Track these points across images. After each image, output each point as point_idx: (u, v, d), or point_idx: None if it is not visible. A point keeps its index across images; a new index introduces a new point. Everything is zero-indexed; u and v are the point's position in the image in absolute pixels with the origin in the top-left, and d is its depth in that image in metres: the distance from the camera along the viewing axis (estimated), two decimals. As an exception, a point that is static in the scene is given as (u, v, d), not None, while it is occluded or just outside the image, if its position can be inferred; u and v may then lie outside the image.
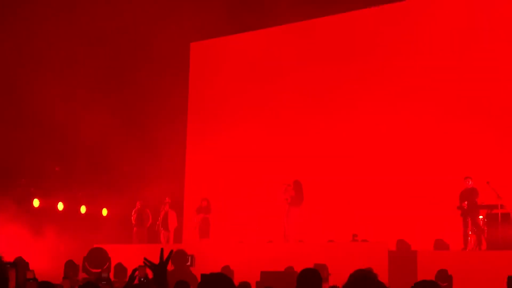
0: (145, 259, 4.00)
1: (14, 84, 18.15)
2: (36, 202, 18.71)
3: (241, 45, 20.42)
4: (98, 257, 15.34)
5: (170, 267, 14.68)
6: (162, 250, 4.08)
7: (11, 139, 17.69)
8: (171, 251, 4.44)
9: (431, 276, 10.26)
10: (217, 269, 12.59)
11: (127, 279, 12.31)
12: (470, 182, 14.15)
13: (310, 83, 18.86)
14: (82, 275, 14.82)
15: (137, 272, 5.71)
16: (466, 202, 13.99)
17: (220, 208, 18.43)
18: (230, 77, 20.45)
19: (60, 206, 19.37)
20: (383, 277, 11.96)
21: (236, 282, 6.97)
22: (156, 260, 3.99)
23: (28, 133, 18.13)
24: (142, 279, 12.44)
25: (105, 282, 10.42)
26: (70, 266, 14.75)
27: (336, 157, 17.77)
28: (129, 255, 15.16)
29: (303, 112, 18.80)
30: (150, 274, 13.13)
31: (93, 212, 20.13)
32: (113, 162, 19.54)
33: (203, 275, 4.10)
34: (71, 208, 19.69)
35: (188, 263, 14.88)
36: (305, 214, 16.04)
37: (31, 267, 12.07)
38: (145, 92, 20.22)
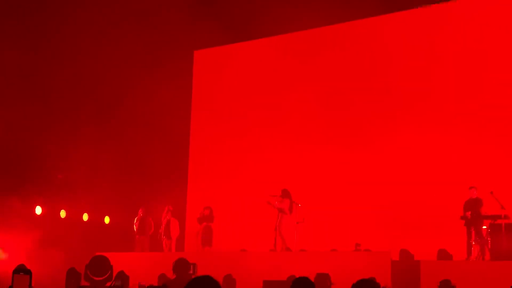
0: None
1: (21, 88, 18.20)
2: (38, 210, 18.68)
3: (245, 53, 20.43)
4: (100, 265, 15.23)
5: (172, 275, 14.61)
6: None
7: (13, 147, 17.69)
8: None
9: (434, 287, 10.21)
10: (219, 277, 12.53)
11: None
12: (475, 192, 14.11)
13: (314, 92, 18.85)
14: (84, 283, 14.76)
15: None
16: (469, 212, 13.94)
17: (222, 217, 18.38)
18: (234, 85, 20.44)
19: (63, 213, 19.35)
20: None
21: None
22: (158, 268, 3.96)
23: (30, 141, 18.12)
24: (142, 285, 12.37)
25: None
26: (72, 274, 14.67)
27: (340, 166, 17.73)
28: (131, 263, 15.09)
29: (307, 121, 18.79)
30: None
31: (95, 219, 20.10)
32: (116, 170, 19.52)
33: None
34: (73, 215, 19.66)
35: (190, 272, 14.79)
36: (295, 222, 15.97)
37: (33, 274, 12.04)
38: (147, 100, 20.21)
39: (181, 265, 14.60)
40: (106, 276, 14.75)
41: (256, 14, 18.10)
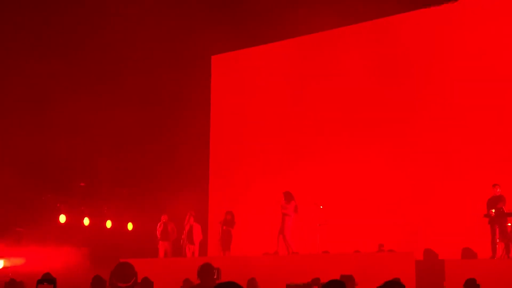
0: None
1: (43, 98, 18.37)
2: (62, 218, 18.84)
3: (262, 57, 20.43)
4: (124, 271, 15.32)
5: (196, 280, 14.65)
6: None
7: (36, 156, 17.85)
8: None
9: (459, 286, 10.14)
10: (243, 281, 12.55)
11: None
12: (498, 190, 14.00)
13: (334, 94, 18.81)
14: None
15: None
16: (493, 210, 13.83)
17: (244, 220, 18.39)
18: (252, 89, 20.46)
19: (86, 221, 19.50)
20: (410, 287, 11.85)
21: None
22: (182, 274, 3.96)
23: (53, 149, 18.29)
24: None
25: None
26: (97, 281, 14.78)
27: (362, 167, 17.67)
28: (155, 269, 15.17)
29: (327, 123, 18.75)
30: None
31: (119, 226, 20.24)
32: (137, 177, 19.64)
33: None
34: (97, 223, 19.81)
35: (215, 277, 14.82)
36: (298, 224, 15.95)
37: (58, 282, 12.14)
38: (167, 106, 20.33)
39: (205, 270, 14.63)
40: (131, 282, 14.80)
41: (272, 17, 18.12)
